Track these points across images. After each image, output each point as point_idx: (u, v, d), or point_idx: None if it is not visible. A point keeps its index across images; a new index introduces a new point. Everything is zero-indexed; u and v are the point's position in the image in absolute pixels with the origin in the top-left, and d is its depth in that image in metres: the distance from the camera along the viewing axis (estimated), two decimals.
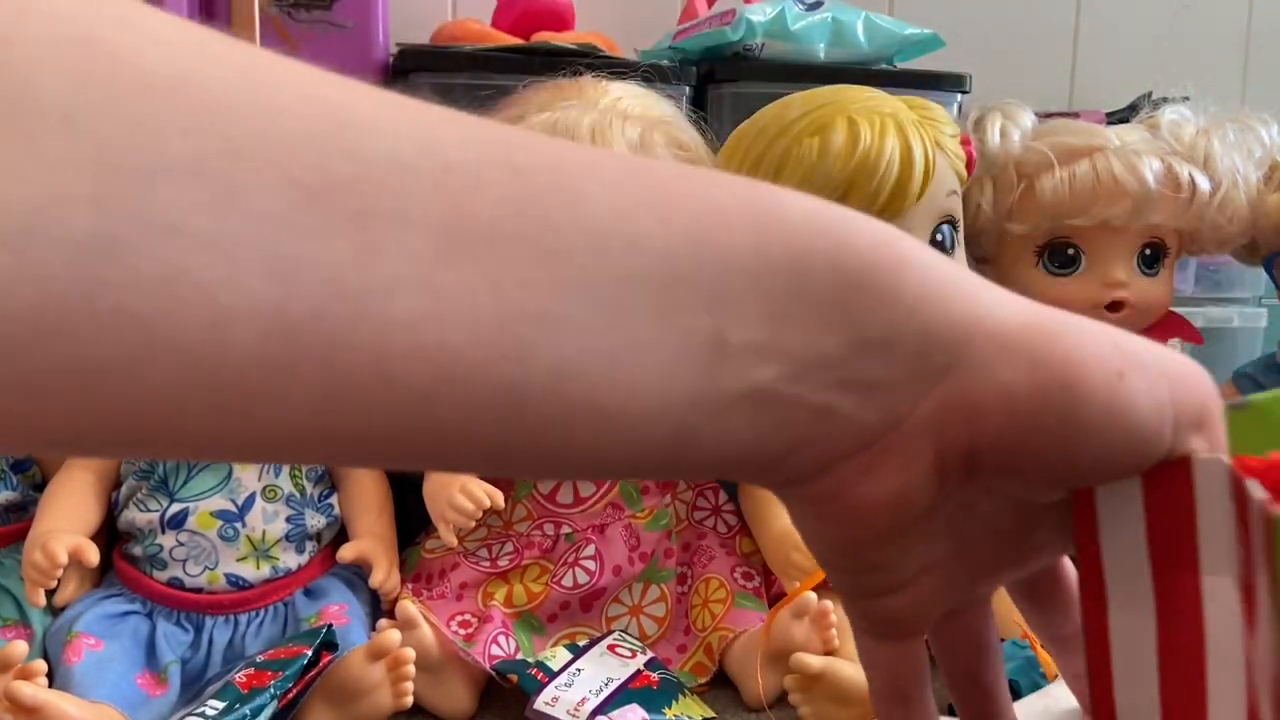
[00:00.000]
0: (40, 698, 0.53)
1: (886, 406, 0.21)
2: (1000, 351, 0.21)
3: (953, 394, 0.21)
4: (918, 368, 0.21)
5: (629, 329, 0.19)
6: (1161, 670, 0.23)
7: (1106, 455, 0.21)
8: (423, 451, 0.19)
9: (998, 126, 0.81)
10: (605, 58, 0.78)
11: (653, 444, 0.20)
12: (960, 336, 0.21)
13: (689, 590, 0.72)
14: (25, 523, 0.67)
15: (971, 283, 0.22)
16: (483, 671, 0.64)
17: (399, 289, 0.17)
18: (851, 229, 0.21)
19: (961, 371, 0.21)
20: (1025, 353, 0.21)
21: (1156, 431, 0.21)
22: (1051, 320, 0.22)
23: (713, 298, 0.20)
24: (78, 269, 0.15)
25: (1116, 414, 0.21)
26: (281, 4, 0.80)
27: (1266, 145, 0.83)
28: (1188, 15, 1.20)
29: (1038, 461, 0.21)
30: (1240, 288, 1.02)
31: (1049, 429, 0.21)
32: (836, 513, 0.23)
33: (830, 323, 0.20)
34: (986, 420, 0.21)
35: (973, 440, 0.21)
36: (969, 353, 0.21)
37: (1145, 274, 0.82)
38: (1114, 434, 0.21)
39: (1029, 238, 0.81)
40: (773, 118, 0.69)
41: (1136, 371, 0.21)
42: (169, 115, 0.16)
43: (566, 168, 0.20)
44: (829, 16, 0.86)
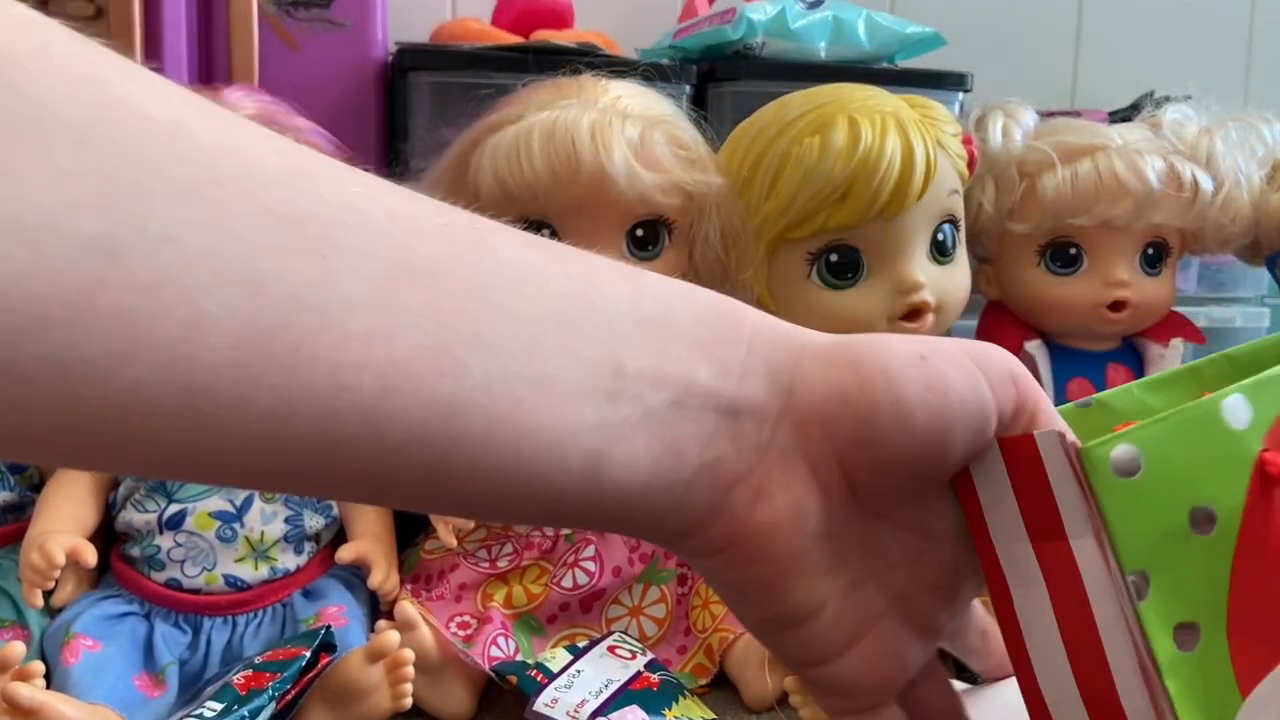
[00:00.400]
0: (38, 699, 0.53)
1: (754, 430, 0.25)
2: (826, 365, 0.25)
3: (803, 410, 0.25)
4: (769, 389, 0.25)
5: (544, 356, 0.22)
6: (1064, 639, 0.26)
7: (941, 422, 0.25)
8: (366, 465, 0.21)
9: (999, 125, 0.81)
10: (605, 56, 0.78)
11: (567, 468, 0.23)
12: (793, 359, 0.25)
13: (689, 591, 0.72)
14: (22, 523, 0.67)
15: (793, 326, 0.27)
16: (482, 673, 0.64)
17: (356, 307, 0.20)
18: (695, 289, 0.26)
19: (802, 387, 0.25)
20: (845, 360, 0.25)
21: (973, 389, 0.25)
22: (859, 336, 0.26)
23: (608, 334, 0.23)
24: (82, 267, 0.17)
25: (933, 383, 0.25)
26: (280, 2, 0.79)
27: (1269, 144, 0.83)
28: (1190, 14, 1.20)
29: (892, 449, 0.25)
30: (1243, 287, 1.02)
31: (886, 414, 0.25)
32: (740, 552, 0.25)
33: (699, 357, 0.24)
34: (835, 423, 0.25)
35: (834, 445, 0.25)
36: (803, 370, 0.25)
37: (1147, 273, 0.82)
38: (936, 401, 0.25)
39: (1031, 237, 0.81)
40: (773, 117, 0.69)
41: (936, 352, 0.25)
42: (165, 146, 0.19)
43: (482, 225, 0.23)
44: (830, 15, 0.86)
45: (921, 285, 0.69)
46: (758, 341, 0.25)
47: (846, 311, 0.69)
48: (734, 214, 0.69)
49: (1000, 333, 0.84)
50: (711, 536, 0.26)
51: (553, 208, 0.67)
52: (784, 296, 0.71)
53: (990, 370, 0.25)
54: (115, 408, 0.18)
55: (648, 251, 0.70)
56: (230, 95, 0.69)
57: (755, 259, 0.69)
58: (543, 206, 0.66)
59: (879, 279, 0.69)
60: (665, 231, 0.70)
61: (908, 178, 0.66)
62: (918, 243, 0.70)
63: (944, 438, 0.25)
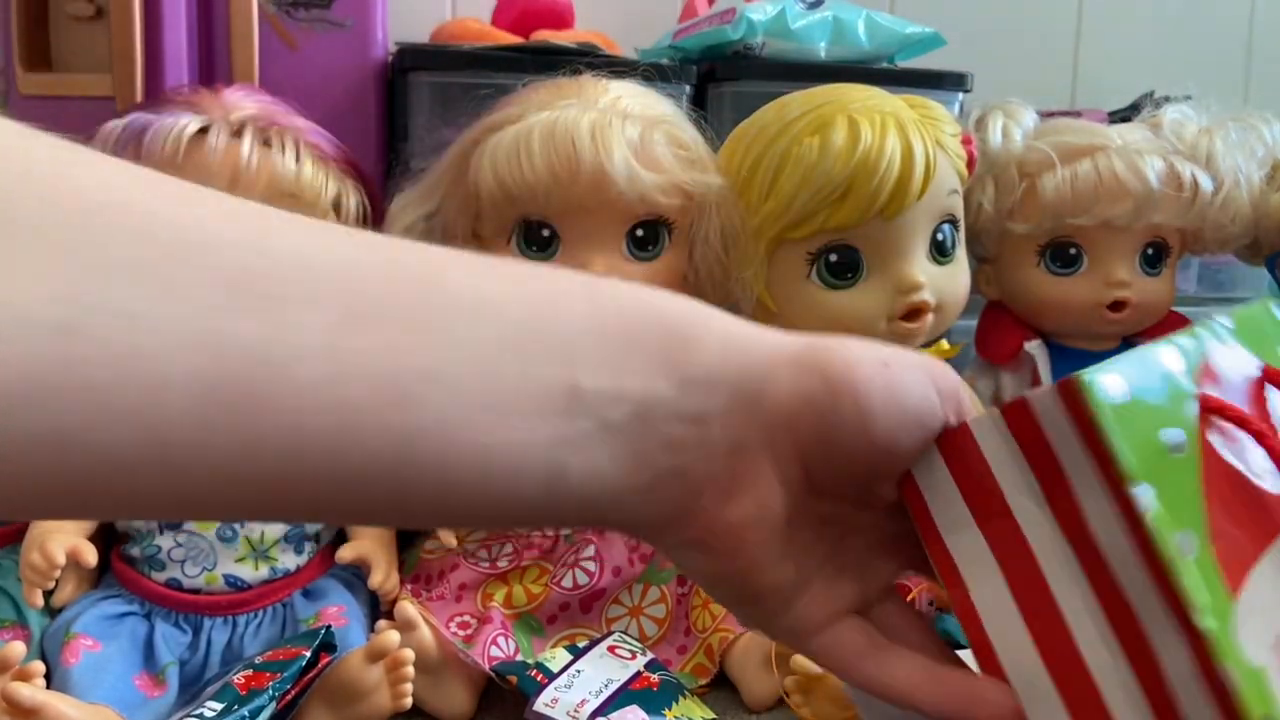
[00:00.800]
0: (38, 699, 0.53)
1: (722, 435, 0.26)
2: (797, 372, 0.27)
3: (772, 413, 0.26)
4: (737, 396, 0.26)
5: (500, 380, 0.23)
6: (1021, 611, 0.27)
7: (897, 425, 0.27)
8: (332, 494, 0.22)
9: (999, 125, 0.81)
10: (605, 57, 0.78)
11: (530, 480, 0.24)
12: (764, 367, 0.27)
13: (689, 591, 0.72)
14: (23, 524, 0.67)
15: (761, 329, 0.28)
16: (482, 673, 0.64)
17: (306, 356, 0.21)
18: (663, 300, 0.27)
19: (772, 392, 0.26)
20: (814, 368, 0.27)
21: (925, 398, 0.27)
22: (826, 341, 0.28)
23: (564, 355, 0.24)
24: (51, 350, 0.19)
25: (894, 390, 0.27)
26: (280, 2, 0.79)
27: (1269, 144, 0.83)
28: (1190, 14, 1.20)
29: (851, 450, 0.27)
30: (1243, 287, 1.02)
31: (849, 418, 0.26)
32: (715, 546, 0.27)
33: (660, 371, 0.25)
34: (801, 425, 0.26)
35: (798, 446, 0.27)
36: (774, 376, 0.27)
37: (1147, 274, 0.82)
38: (894, 407, 0.27)
39: (1030, 237, 0.81)
40: (773, 117, 0.69)
41: (898, 361, 0.28)
42: (120, 228, 0.20)
43: (434, 259, 0.25)
44: (830, 15, 0.86)
45: (921, 285, 0.69)
46: (728, 350, 0.27)
47: (846, 311, 0.69)
48: (734, 214, 0.69)
49: (1000, 333, 0.84)
50: (684, 533, 0.27)
51: (553, 208, 0.67)
52: (783, 296, 0.71)
53: (942, 385, 0.28)
54: (93, 469, 0.20)
55: (648, 252, 0.70)
56: (230, 95, 0.69)
57: (755, 259, 0.69)
58: (543, 207, 0.66)
59: (878, 279, 0.69)
60: (665, 232, 0.70)
61: (907, 178, 0.66)
62: (917, 243, 0.70)
63: (897, 439, 0.27)
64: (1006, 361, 0.84)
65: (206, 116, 0.66)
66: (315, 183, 0.68)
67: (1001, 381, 0.85)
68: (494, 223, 0.69)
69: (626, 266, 0.69)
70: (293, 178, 0.66)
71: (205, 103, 0.67)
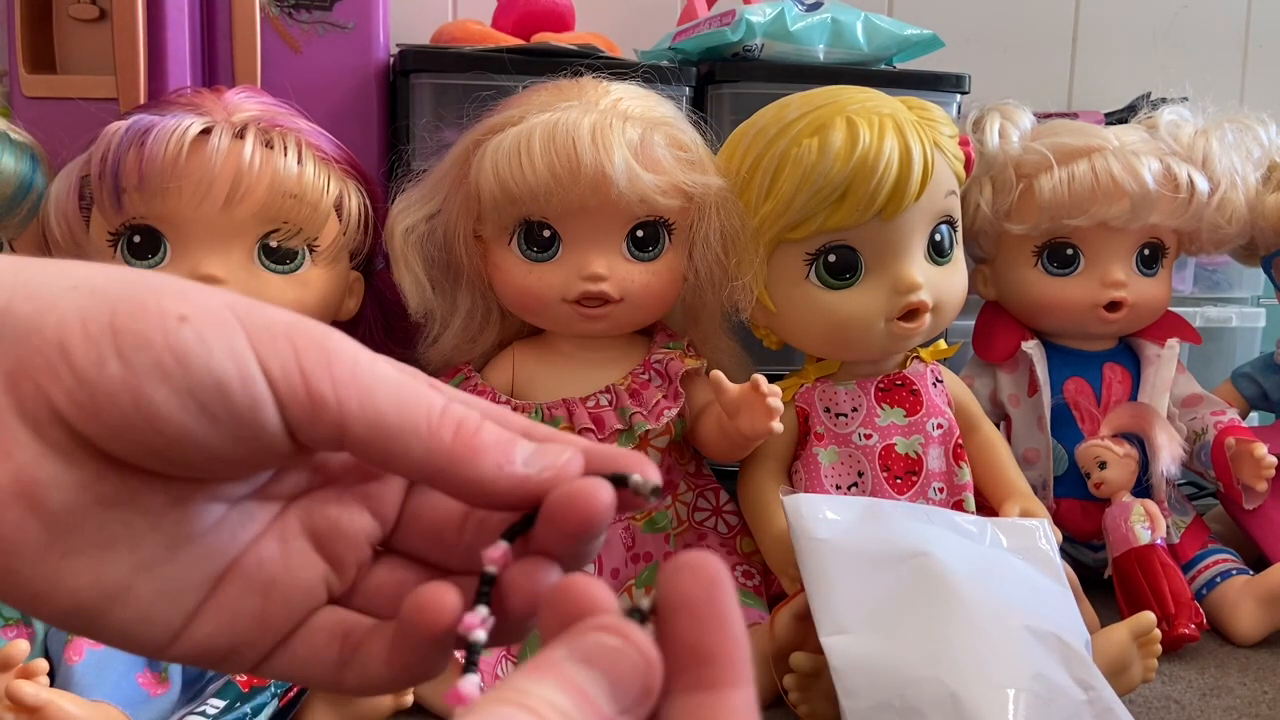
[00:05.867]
0: (42, 697, 0.53)
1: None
2: (51, 311, 0.22)
3: (12, 359, 0.21)
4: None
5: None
6: None
7: (192, 397, 0.21)
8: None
9: (996, 127, 0.81)
10: (605, 58, 0.78)
11: None
12: (2, 302, 0.22)
13: None
14: None
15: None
16: None
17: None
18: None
19: (12, 336, 0.21)
20: (103, 311, 0.22)
21: (239, 374, 0.22)
22: (114, 280, 0.22)
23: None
24: None
25: (180, 353, 0.21)
26: (282, 4, 0.80)
27: (1265, 146, 0.83)
28: (1186, 16, 1.21)
29: (125, 413, 0.21)
30: (1239, 288, 1.03)
31: (115, 378, 0.21)
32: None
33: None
34: (51, 372, 0.21)
35: (48, 395, 0.21)
36: (11, 317, 0.21)
37: (1144, 274, 0.82)
38: (181, 372, 0.21)
39: (1028, 238, 0.81)
40: (772, 118, 0.69)
41: (204, 318, 0.22)
42: None
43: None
44: (828, 17, 0.86)
45: (919, 285, 0.69)
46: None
47: (844, 311, 0.70)
48: (733, 215, 0.70)
49: (997, 333, 0.85)
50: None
51: (553, 209, 0.67)
52: (782, 296, 0.71)
53: (266, 341, 0.22)
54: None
55: (648, 252, 0.70)
56: (233, 97, 0.69)
57: (754, 259, 0.70)
58: (543, 207, 0.67)
59: (877, 279, 0.70)
60: (665, 232, 0.70)
61: (905, 179, 0.66)
62: (915, 243, 0.70)
63: (188, 411, 0.22)
64: (1004, 361, 0.84)
65: (209, 118, 0.66)
66: (317, 184, 0.68)
67: (999, 381, 0.85)
68: (495, 223, 0.69)
69: (626, 266, 0.69)
70: (295, 179, 0.67)
71: (208, 104, 0.68)
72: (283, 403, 0.22)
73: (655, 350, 0.73)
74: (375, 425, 0.22)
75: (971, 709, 0.52)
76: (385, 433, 0.22)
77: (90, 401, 0.21)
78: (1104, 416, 0.81)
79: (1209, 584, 0.78)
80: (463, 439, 0.23)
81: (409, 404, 0.23)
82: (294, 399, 0.22)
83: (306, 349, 0.22)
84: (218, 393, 0.22)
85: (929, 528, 0.62)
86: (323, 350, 0.23)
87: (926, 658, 0.54)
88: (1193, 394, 0.85)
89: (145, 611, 0.23)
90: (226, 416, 0.22)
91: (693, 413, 0.72)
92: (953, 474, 0.72)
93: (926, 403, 0.73)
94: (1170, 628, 0.71)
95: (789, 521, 0.62)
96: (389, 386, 0.23)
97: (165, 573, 0.23)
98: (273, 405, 0.22)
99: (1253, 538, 0.82)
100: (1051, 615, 0.58)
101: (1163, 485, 0.79)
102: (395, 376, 0.23)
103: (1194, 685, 0.69)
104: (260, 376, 0.22)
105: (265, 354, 0.22)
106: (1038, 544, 0.64)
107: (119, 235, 0.67)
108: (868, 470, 0.72)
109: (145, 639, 0.23)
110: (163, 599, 0.23)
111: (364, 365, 0.23)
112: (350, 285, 0.74)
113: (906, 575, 0.58)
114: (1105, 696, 0.55)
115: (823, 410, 0.73)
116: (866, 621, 0.56)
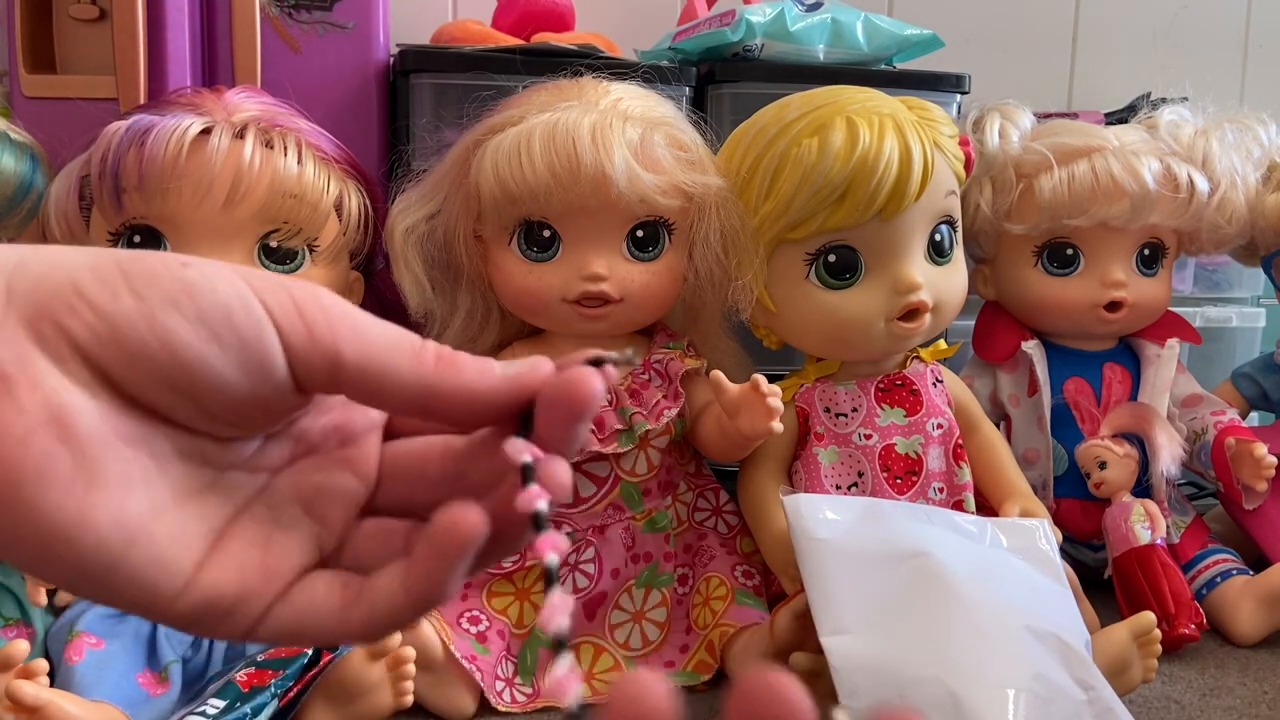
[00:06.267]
0: (42, 697, 0.53)
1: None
2: (60, 267, 0.23)
3: (31, 305, 0.22)
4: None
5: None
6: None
7: (203, 323, 0.23)
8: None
9: (996, 127, 0.81)
10: (605, 58, 0.78)
11: None
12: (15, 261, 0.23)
13: (690, 591, 0.72)
14: None
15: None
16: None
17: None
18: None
19: (26, 288, 0.23)
20: (110, 263, 0.23)
21: (242, 303, 0.24)
22: (118, 251, 0.24)
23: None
24: None
25: (188, 286, 0.23)
26: (282, 4, 0.80)
27: (1265, 146, 0.83)
28: (1186, 16, 1.21)
29: (143, 338, 0.23)
30: (1239, 288, 1.03)
31: (131, 307, 0.23)
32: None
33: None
34: (70, 310, 0.22)
35: (68, 331, 0.22)
36: (25, 271, 0.23)
37: (1144, 274, 0.82)
38: (190, 301, 0.23)
39: (1028, 238, 0.81)
40: (772, 118, 0.69)
41: (204, 265, 0.24)
42: None
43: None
44: (828, 17, 0.86)
45: (919, 286, 0.69)
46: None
47: (844, 312, 0.70)
48: (733, 215, 0.70)
49: (997, 333, 0.85)
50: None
51: (553, 209, 0.67)
52: (783, 296, 0.71)
53: (270, 294, 0.24)
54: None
55: (648, 252, 0.70)
56: (233, 97, 0.69)
57: (754, 259, 0.70)
58: (543, 207, 0.67)
59: (877, 279, 0.70)
60: (665, 232, 0.70)
61: (905, 179, 0.66)
62: (915, 243, 0.70)
63: (191, 340, 0.23)
64: (1004, 361, 0.84)
65: (209, 118, 0.66)
66: (317, 184, 0.68)
67: (999, 381, 0.85)
68: (495, 223, 0.69)
69: (626, 267, 0.69)
70: (295, 179, 0.67)
71: (208, 104, 0.68)
72: (282, 330, 0.24)
73: (655, 350, 0.73)
74: (366, 356, 0.24)
75: (971, 709, 0.52)
76: (376, 363, 0.24)
77: (109, 332, 0.23)
78: (1104, 416, 0.81)
79: (1209, 584, 0.78)
80: (445, 361, 0.25)
81: (394, 338, 0.25)
82: (293, 329, 0.24)
83: (300, 294, 0.24)
84: (226, 319, 0.23)
85: (929, 528, 0.62)
86: (314, 296, 0.25)
87: (926, 658, 0.54)
88: (1193, 394, 0.85)
89: (160, 554, 0.23)
90: (235, 341, 0.23)
91: (693, 413, 0.72)
92: (953, 474, 0.72)
93: (926, 403, 0.73)
94: (1170, 628, 0.71)
95: (789, 521, 0.62)
96: (376, 325, 0.25)
97: (175, 518, 0.24)
98: (274, 332, 0.24)
99: (1253, 538, 0.82)
100: (1051, 615, 0.58)
101: (1163, 485, 0.79)
102: (379, 320, 0.25)
103: (1194, 685, 0.69)
104: (260, 307, 0.24)
105: (264, 293, 0.24)
106: (1038, 544, 0.64)
107: (119, 235, 0.67)
108: (868, 470, 0.72)
109: (159, 585, 0.24)
110: (175, 543, 0.24)
111: (352, 310, 0.25)
112: (350, 285, 0.74)
113: (906, 575, 0.58)
114: (1105, 696, 0.55)
115: (823, 410, 0.73)
116: (866, 621, 0.56)
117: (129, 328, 0.23)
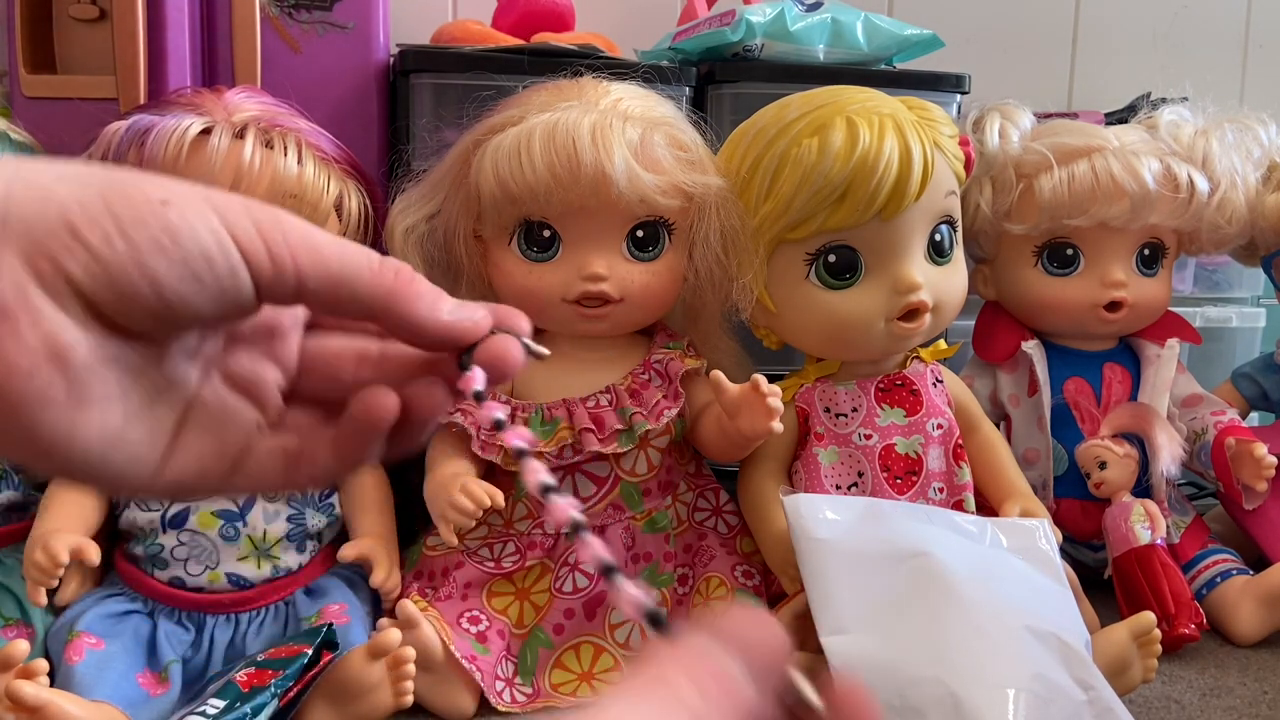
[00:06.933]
0: (42, 697, 0.53)
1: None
2: (49, 201, 0.25)
3: (28, 242, 0.25)
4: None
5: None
6: None
7: (186, 267, 0.26)
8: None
9: (996, 127, 0.81)
10: (605, 58, 0.78)
11: None
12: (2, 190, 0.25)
13: (690, 590, 0.72)
14: (27, 522, 0.67)
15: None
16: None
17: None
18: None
19: (20, 227, 0.25)
20: (94, 197, 0.25)
21: (219, 247, 0.26)
22: (95, 172, 0.26)
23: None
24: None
25: (171, 232, 0.25)
26: (282, 4, 0.80)
27: (1265, 146, 0.83)
28: (1186, 16, 1.21)
29: (134, 281, 0.25)
30: (1239, 288, 1.03)
31: (124, 252, 0.25)
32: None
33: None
34: (67, 250, 0.25)
35: (65, 270, 0.25)
36: (16, 206, 0.25)
37: (1144, 274, 0.82)
38: (174, 247, 0.25)
39: (1028, 238, 0.81)
40: (772, 118, 0.69)
41: (182, 202, 0.26)
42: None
43: None
44: (828, 17, 0.86)
45: (919, 286, 0.69)
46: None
47: (844, 311, 0.70)
48: (734, 215, 0.70)
49: (997, 333, 0.85)
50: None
51: (553, 208, 0.67)
52: (783, 296, 0.71)
53: (237, 223, 0.27)
54: None
55: (648, 252, 0.70)
56: (233, 97, 0.69)
57: (754, 259, 0.70)
58: (543, 207, 0.67)
59: (877, 279, 0.70)
60: (665, 232, 0.70)
61: (905, 179, 0.66)
62: (915, 243, 0.70)
63: (186, 283, 0.26)
64: (1004, 361, 0.84)
65: (209, 118, 0.66)
66: (317, 184, 0.68)
67: (999, 381, 0.85)
68: (495, 223, 0.69)
69: (626, 267, 0.69)
70: (295, 179, 0.67)
71: (208, 104, 0.68)
72: (252, 266, 0.27)
73: (655, 350, 0.73)
74: (325, 275, 0.28)
75: (971, 709, 0.52)
76: (335, 280, 0.28)
77: (104, 274, 0.25)
78: (1104, 416, 0.81)
79: (1209, 584, 0.78)
80: (404, 280, 0.28)
81: (350, 255, 0.28)
82: (260, 265, 0.27)
83: (264, 222, 0.27)
84: (205, 263, 0.26)
85: (929, 528, 0.62)
86: (277, 222, 0.27)
87: (926, 658, 0.54)
88: (1193, 394, 0.85)
89: (135, 453, 0.27)
90: (212, 282, 0.26)
91: (693, 413, 0.72)
92: (953, 474, 0.72)
93: (926, 403, 0.73)
94: (1170, 628, 0.71)
95: (789, 521, 0.62)
96: (333, 244, 0.28)
97: (145, 419, 0.28)
98: (245, 270, 0.27)
99: (1253, 538, 0.82)
100: (1051, 615, 0.58)
101: (1163, 485, 0.79)
102: (335, 238, 0.28)
103: (1194, 685, 0.69)
104: (234, 248, 0.26)
105: (235, 229, 0.26)
106: (1038, 544, 0.64)
107: None
108: (868, 470, 0.72)
109: (136, 477, 0.28)
110: (145, 443, 0.28)
111: (312, 231, 0.28)
112: None
113: (906, 575, 0.58)
114: (1105, 696, 0.55)
115: (823, 410, 0.73)
116: (866, 621, 0.56)
117: (121, 271, 0.25)
